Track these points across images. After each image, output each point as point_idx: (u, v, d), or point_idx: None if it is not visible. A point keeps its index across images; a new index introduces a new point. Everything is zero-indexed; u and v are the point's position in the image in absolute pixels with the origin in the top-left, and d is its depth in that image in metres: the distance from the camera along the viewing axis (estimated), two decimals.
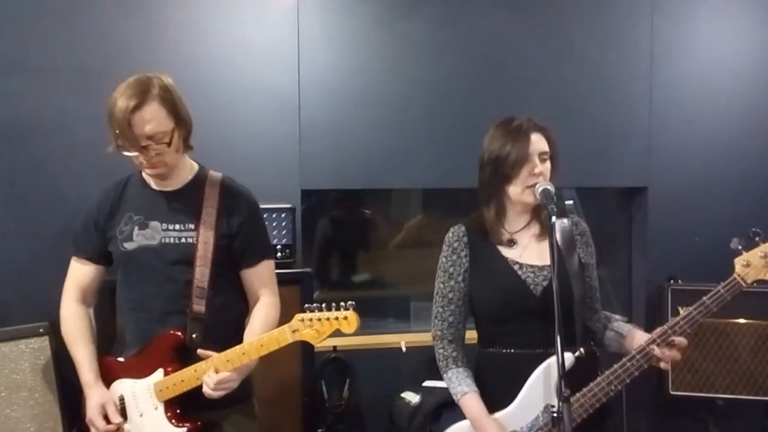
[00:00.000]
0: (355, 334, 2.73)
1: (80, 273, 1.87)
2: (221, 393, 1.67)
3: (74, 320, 1.84)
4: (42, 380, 2.20)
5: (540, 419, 1.68)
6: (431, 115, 2.77)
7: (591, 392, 1.65)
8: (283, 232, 2.55)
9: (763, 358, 2.71)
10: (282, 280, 2.36)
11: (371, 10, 2.72)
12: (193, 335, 1.73)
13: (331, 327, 1.61)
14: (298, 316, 1.64)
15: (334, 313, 1.61)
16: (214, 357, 1.69)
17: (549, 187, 1.67)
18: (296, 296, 2.41)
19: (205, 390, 1.67)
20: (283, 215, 2.55)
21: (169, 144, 1.70)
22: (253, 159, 2.60)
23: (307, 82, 2.66)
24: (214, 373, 1.66)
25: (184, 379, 1.72)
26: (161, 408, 1.74)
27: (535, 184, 1.69)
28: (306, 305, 1.64)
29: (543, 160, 1.72)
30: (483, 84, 2.80)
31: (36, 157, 2.44)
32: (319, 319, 1.61)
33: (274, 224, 2.54)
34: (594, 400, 1.65)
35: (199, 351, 1.70)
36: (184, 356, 1.74)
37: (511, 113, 1.81)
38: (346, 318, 1.60)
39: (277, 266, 2.48)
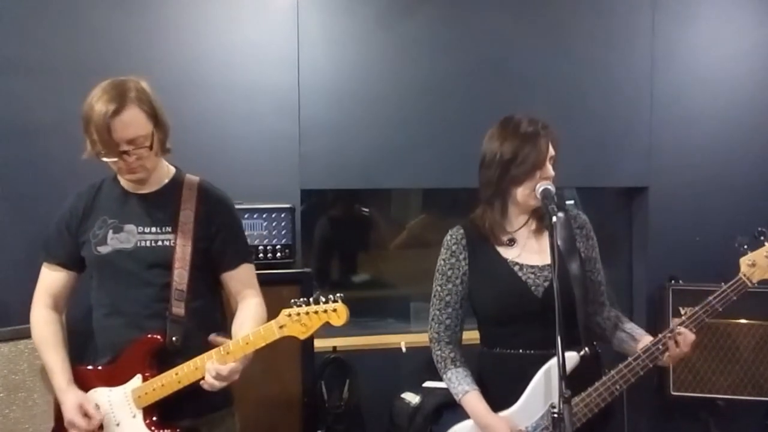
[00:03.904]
0: (355, 334, 2.79)
1: (51, 279, 1.82)
2: (223, 384, 1.62)
3: (45, 326, 1.79)
4: (41, 381, 2.19)
5: (544, 419, 1.67)
6: (431, 115, 2.77)
7: (597, 392, 1.65)
8: (283, 232, 2.54)
9: (764, 358, 2.70)
10: (282, 280, 2.37)
11: (371, 9, 2.71)
12: (173, 338, 1.68)
13: (319, 320, 1.56)
14: (285, 311, 1.59)
15: (322, 306, 1.56)
16: (204, 355, 1.64)
17: (549, 186, 1.66)
18: (296, 296, 2.39)
19: (208, 379, 1.61)
20: (282, 215, 2.54)
21: (150, 147, 1.67)
22: (253, 159, 2.59)
23: (307, 82, 2.65)
24: (216, 364, 1.60)
25: (165, 383, 1.66)
26: (140, 415, 1.69)
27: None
28: (293, 300, 1.60)
29: (551, 164, 1.72)
30: (483, 84, 2.80)
31: (36, 157, 2.44)
32: (307, 313, 1.56)
33: (273, 224, 2.54)
34: (599, 400, 1.64)
35: (212, 338, 1.65)
36: (162, 361, 1.69)
37: (512, 113, 1.80)
38: (335, 310, 1.54)
39: (277, 266, 2.50)
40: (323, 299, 1.58)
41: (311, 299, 1.59)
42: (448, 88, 2.77)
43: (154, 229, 1.74)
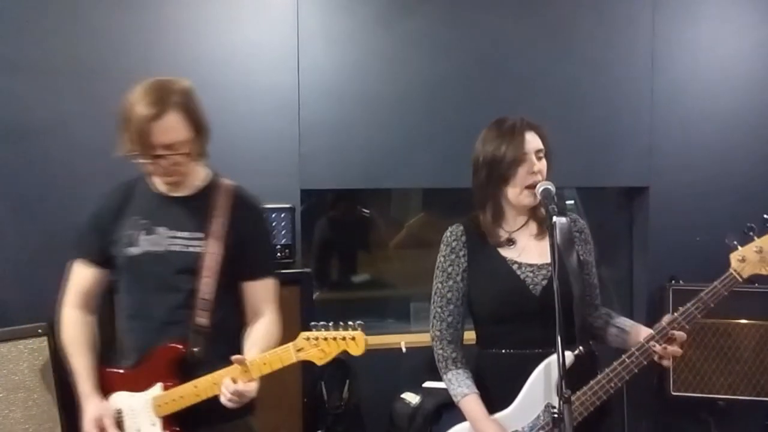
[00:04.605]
0: None
1: (82, 276, 1.79)
2: (237, 404, 1.59)
3: (74, 328, 1.77)
4: (40, 381, 2.19)
5: (541, 419, 1.67)
6: (431, 115, 2.77)
7: (591, 390, 1.65)
8: (283, 232, 2.54)
9: (764, 358, 2.70)
10: (281, 281, 2.35)
11: (371, 9, 2.71)
12: (195, 349, 1.66)
13: (338, 348, 1.54)
14: (304, 334, 1.57)
15: (341, 333, 1.54)
16: (222, 371, 1.62)
17: (549, 186, 1.66)
18: (296, 296, 2.41)
19: (226, 395, 1.58)
20: (282, 215, 2.55)
21: (187, 154, 1.64)
22: (253, 159, 2.59)
23: (307, 82, 2.65)
24: (232, 381, 1.58)
25: (183, 395, 1.65)
26: (159, 424, 1.68)
27: (534, 184, 1.68)
28: (312, 323, 1.57)
29: (539, 158, 1.72)
30: (483, 83, 2.79)
31: (35, 157, 2.44)
32: (326, 339, 1.54)
33: (273, 224, 2.54)
34: (595, 398, 1.64)
35: (235, 357, 1.60)
36: (184, 370, 1.67)
37: (512, 113, 1.80)
38: (353, 339, 1.53)
39: (277, 266, 2.50)
40: (342, 325, 1.55)
41: (330, 323, 1.56)
42: (448, 88, 2.77)
43: (185, 234, 1.70)
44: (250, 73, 2.60)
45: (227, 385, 1.59)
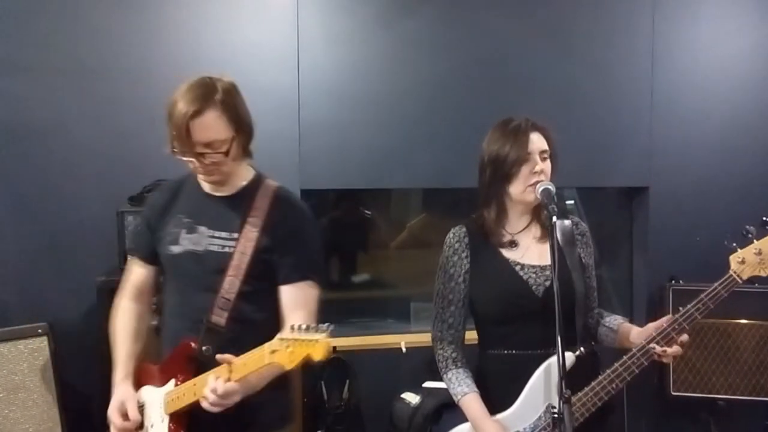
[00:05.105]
0: (355, 334, 2.79)
1: (134, 273, 1.80)
2: (219, 404, 1.50)
3: (121, 317, 1.77)
4: (40, 381, 2.20)
5: (542, 420, 1.67)
6: (431, 115, 2.77)
7: (593, 391, 1.65)
8: None
9: (764, 358, 2.70)
10: None
11: (371, 9, 2.71)
12: (204, 347, 1.61)
13: (302, 351, 1.39)
14: (280, 335, 1.45)
15: (307, 335, 1.39)
16: (213, 371, 1.54)
17: (550, 186, 1.66)
18: None
19: (206, 393, 1.50)
20: None
21: (226, 153, 1.60)
22: (253, 159, 2.59)
23: (307, 82, 2.66)
24: (217, 381, 1.48)
25: (186, 393, 1.59)
26: (166, 421, 1.63)
27: (537, 182, 1.69)
28: (291, 324, 1.46)
29: (543, 159, 1.72)
30: (483, 83, 2.80)
31: (35, 157, 2.45)
32: (295, 340, 1.40)
33: None
34: (596, 399, 1.65)
35: (220, 356, 1.52)
36: (197, 369, 1.62)
37: (512, 113, 1.80)
38: (316, 342, 1.37)
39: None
40: (314, 328, 1.41)
41: (305, 325, 1.42)
42: (448, 88, 2.77)
43: (224, 234, 1.67)
44: (250, 73, 2.59)
45: (209, 383, 1.51)
